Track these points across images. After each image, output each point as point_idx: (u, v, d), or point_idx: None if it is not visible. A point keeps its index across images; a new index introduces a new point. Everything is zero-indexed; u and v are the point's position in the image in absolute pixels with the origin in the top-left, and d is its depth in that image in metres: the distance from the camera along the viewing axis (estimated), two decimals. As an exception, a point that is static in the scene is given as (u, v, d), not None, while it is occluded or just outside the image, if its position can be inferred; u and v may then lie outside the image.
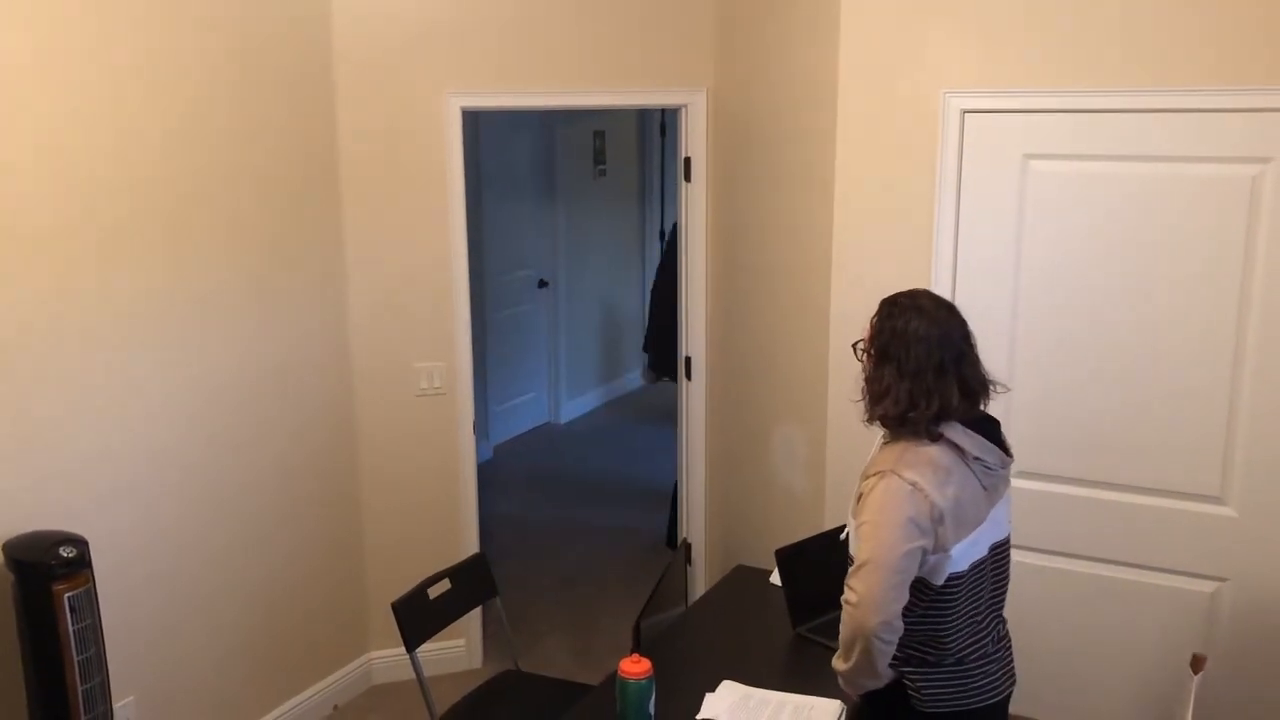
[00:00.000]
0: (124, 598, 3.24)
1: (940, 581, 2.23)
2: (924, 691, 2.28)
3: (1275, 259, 2.95)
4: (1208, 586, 3.17)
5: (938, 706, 2.29)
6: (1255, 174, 2.94)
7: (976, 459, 2.26)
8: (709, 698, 2.68)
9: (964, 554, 2.24)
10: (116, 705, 3.18)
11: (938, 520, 2.18)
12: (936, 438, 2.24)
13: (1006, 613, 2.43)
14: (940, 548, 2.20)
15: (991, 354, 3.29)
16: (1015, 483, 3.33)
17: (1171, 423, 3.13)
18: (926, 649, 2.29)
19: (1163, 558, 3.21)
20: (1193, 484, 3.14)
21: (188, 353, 3.38)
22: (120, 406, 3.18)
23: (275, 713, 3.83)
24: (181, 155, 3.29)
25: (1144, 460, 3.18)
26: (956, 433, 2.25)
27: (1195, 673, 2.64)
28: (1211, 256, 3.02)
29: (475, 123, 6.26)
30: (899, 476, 2.18)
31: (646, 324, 4.60)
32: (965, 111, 3.23)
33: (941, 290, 3.32)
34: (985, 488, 2.28)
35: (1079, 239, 3.16)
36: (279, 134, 3.62)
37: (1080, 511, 3.28)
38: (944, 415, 2.24)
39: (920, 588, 2.22)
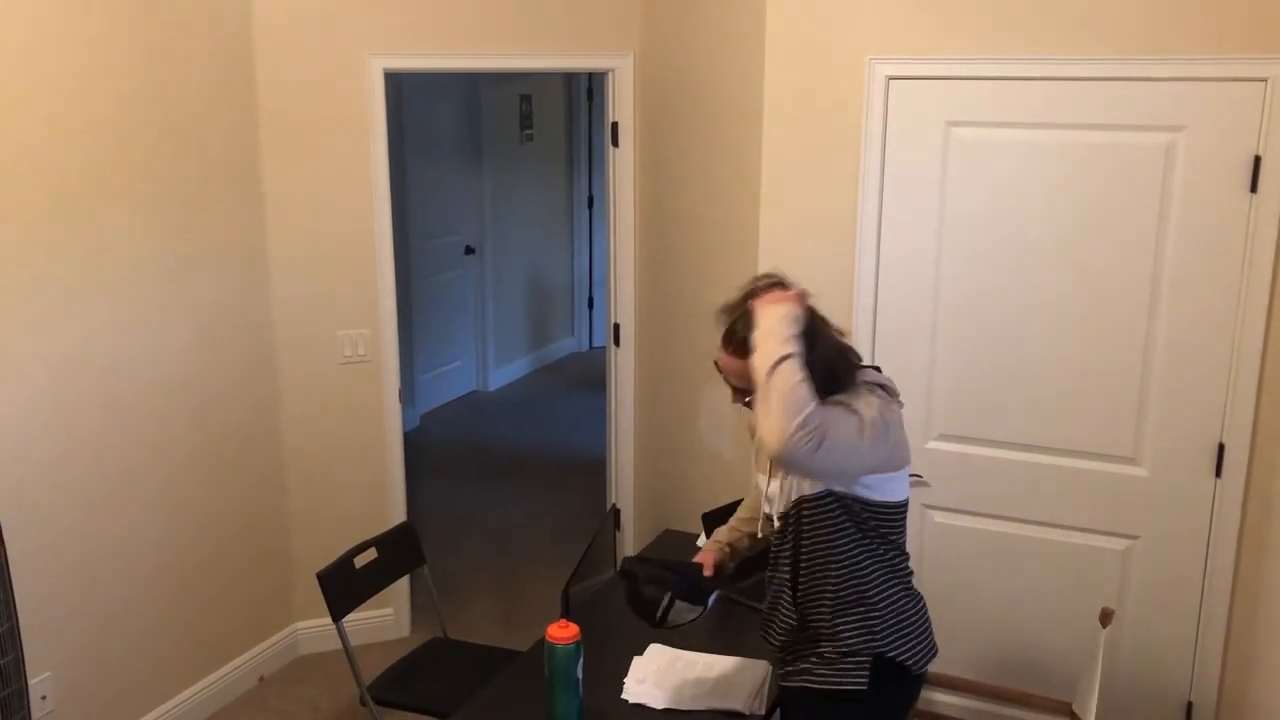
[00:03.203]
0: (38, 572, 3.16)
1: (901, 498, 2.27)
2: (909, 652, 2.30)
3: (1187, 225, 3.03)
4: (1120, 544, 3.27)
5: (924, 658, 2.33)
6: (1169, 142, 3.01)
7: (896, 397, 2.32)
8: (637, 661, 2.70)
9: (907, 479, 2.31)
10: (32, 681, 3.11)
11: (899, 428, 2.22)
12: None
13: (926, 571, 2.49)
14: (906, 460, 2.26)
15: (915, 318, 3.35)
16: (934, 445, 3.41)
17: (1087, 385, 3.21)
18: (887, 598, 2.29)
19: (1077, 517, 3.30)
20: (1106, 445, 3.22)
21: (99, 320, 3.29)
22: (27, 377, 3.09)
23: (199, 685, 3.78)
24: (90, 119, 3.18)
25: (1060, 422, 3.25)
26: (876, 375, 2.31)
27: (1104, 626, 2.74)
28: (1127, 222, 3.09)
29: (398, 85, 6.15)
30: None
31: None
32: (890, 78, 3.25)
33: (866, 255, 3.36)
34: None
35: (999, 205, 3.21)
36: (194, 97, 3.52)
37: (997, 472, 3.35)
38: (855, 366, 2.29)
39: (887, 512, 2.26)
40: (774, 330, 2.12)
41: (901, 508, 2.29)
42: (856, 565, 2.27)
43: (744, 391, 2.28)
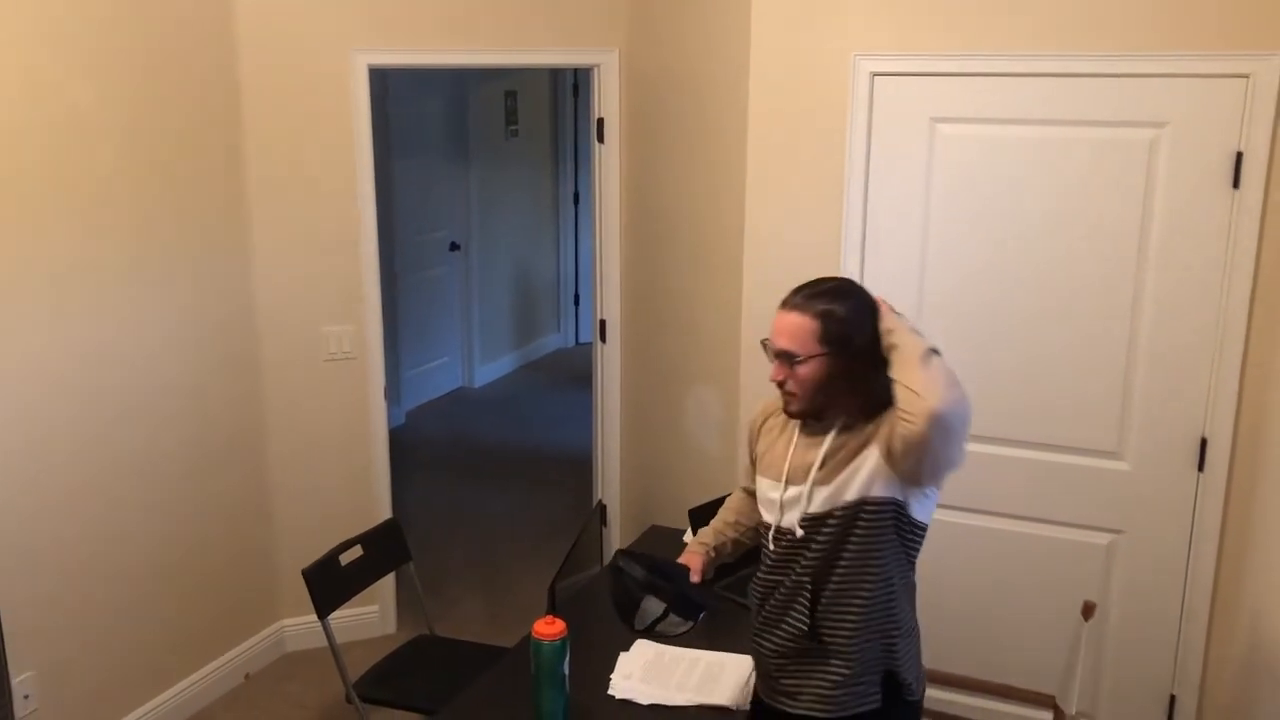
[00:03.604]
0: (20, 571, 3.14)
1: (929, 521, 2.22)
2: (912, 673, 2.27)
3: (1171, 221, 3.05)
4: (1103, 539, 3.29)
5: (921, 682, 2.31)
6: (1152, 138, 3.02)
7: None
8: (623, 656, 2.70)
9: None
10: (15, 680, 3.09)
11: None
12: None
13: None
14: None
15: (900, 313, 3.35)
16: (922, 441, 3.41)
17: (1072, 380, 3.23)
18: (907, 617, 2.26)
19: (1061, 511, 3.31)
20: (1091, 439, 3.24)
21: (81, 319, 3.27)
22: (6, 376, 3.07)
23: (184, 683, 3.77)
24: (71, 114, 3.16)
25: (1045, 417, 3.27)
26: None
27: (1086, 619, 2.75)
28: (1110, 219, 3.11)
29: (383, 81, 6.13)
30: None
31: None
32: (875, 74, 3.25)
33: (851, 251, 3.37)
34: None
35: (984, 201, 3.22)
36: (177, 93, 3.50)
37: (982, 467, 3.36)
38: None
39: (918, 534, 2.20)
40: (913, 330, 2.11)
41: (925, 531, 2.24)
42: (890, 581, 2.20)
43: (789, 357, 2.15)
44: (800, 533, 2.21)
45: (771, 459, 2.32)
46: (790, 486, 2.24)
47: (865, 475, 2.14)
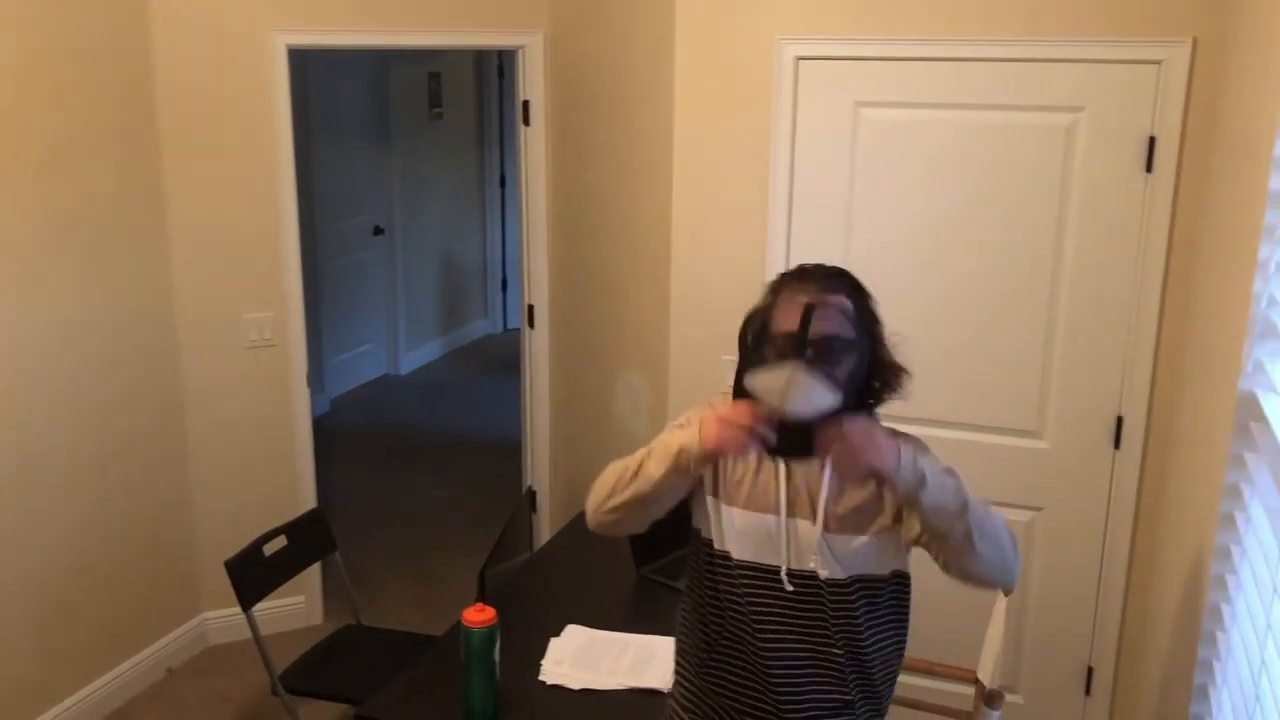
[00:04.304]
0: (-73, 568, 3.04)
1: None
2: None
3: (1087, 204, 3.11)
4: (1024, 516, 3.36)
5: None
6: (1069, 122, 3.08)
7: None
8: (554, 642, 2.70)
9: None
10: (-77, 682, 2.99)
11: None
12: None
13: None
14: None
15: (825, 298, 3.38)
16: (848, 422, 3.45)
17: (991, 361, 3.29)
18: None
19: (982, 490, 3.33)
20: (1011, 419, 3.30)
21: (-9, 305, 3.16)
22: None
23: (104, 679, 3.67)
24: (-25, 91, 3.05)
25: (965, 397, 3.32)
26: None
27: (1005, 595, 2.81)
28: (1029, 202, 3.16)
29: (303, 62, 6.01)
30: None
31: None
32: (799, 58, 3.27)
33: (777, 234, 3.39)
34: None
35: (907, 184, 3.26)
36: (89, 75, 3.39)
37: (908, 448, 3.41)
38: None
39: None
40: (945, 470, 1.97)
41: None
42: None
43: (834, 344, 1.87)
44: (825, 574, 1.92)
45: (756, 487, 1.94)
46: (796, 520, 1.91)
47: (892, 552, 1.99)
